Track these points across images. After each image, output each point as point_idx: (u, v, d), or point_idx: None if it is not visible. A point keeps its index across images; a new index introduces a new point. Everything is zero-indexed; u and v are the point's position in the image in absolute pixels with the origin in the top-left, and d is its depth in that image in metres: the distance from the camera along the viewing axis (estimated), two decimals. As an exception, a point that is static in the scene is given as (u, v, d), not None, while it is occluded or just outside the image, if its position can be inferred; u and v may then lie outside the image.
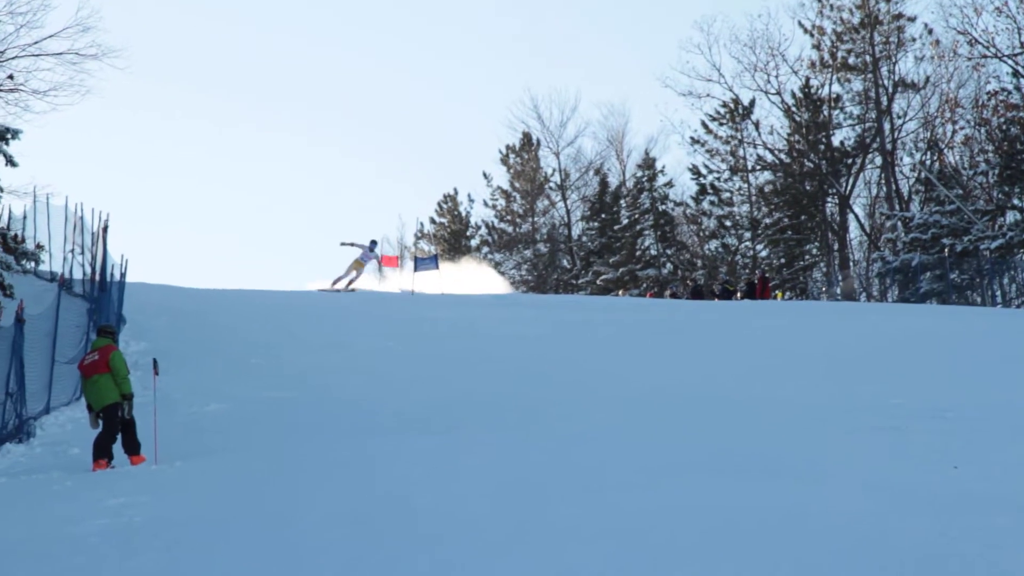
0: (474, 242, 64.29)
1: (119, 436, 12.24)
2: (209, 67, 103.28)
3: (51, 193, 28.21)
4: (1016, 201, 43.99)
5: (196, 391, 15.82)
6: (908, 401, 13.53)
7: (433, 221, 66.17)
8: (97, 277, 20.64)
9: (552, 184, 62.63)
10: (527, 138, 63.06)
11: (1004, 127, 45.29)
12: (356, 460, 10.85)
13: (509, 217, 63.40)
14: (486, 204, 64.37)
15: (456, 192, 66.18)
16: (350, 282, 31.42)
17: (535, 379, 16.92)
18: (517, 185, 63.20)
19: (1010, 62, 44.82)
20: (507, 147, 63.52)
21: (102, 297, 19.89)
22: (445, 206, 66.24)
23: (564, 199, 62.19)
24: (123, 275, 22.46)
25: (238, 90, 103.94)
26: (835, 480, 8.46)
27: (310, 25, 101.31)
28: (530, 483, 8.74)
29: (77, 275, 22.69)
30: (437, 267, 32.36)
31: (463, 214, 65.78)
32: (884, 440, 10.79)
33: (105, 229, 22.10)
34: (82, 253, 24.26)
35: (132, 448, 12.31)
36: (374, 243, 32.10)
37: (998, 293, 40.92)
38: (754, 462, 9.42)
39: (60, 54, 31.32)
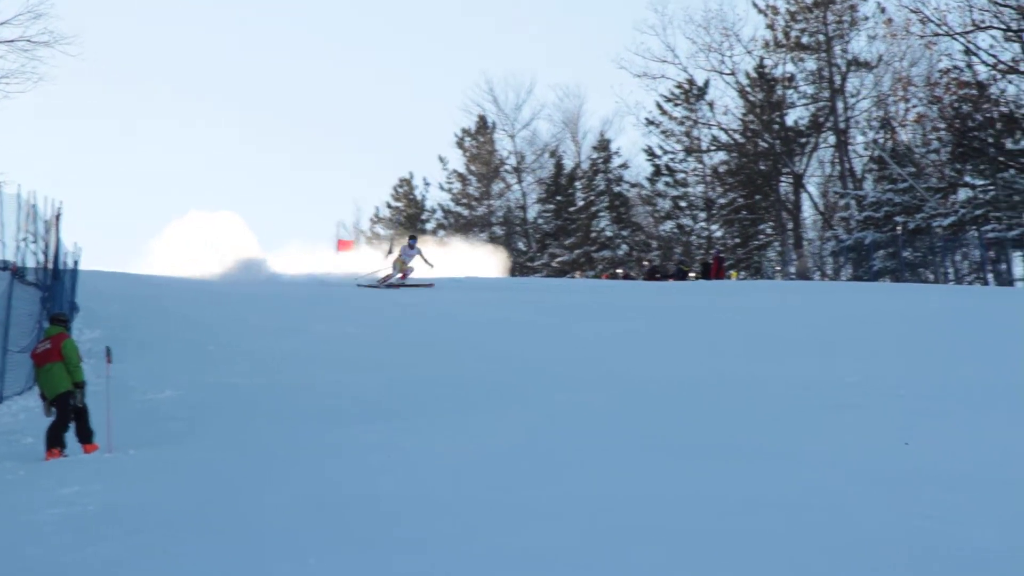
0: (430, 226, 64.05)
1: (72, 424, 12.15)
2: (162, 54, 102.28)
3: (3, 182, 27.93)
4: (968, 178, 44.30)
5: (150, 378, 15.68)
6: (864, 379, 13.59)
7: (389, 206, 65.90)
8: (50, 265, 20.42)
9: (507, 167, 62.51)
10: (483, 121, 62.81)
11: (956, 105, 45.53)
12: (316, 446, 10.80)
13: (465, 200, 63.17)
14: (442, 188, 64.11)
15: (412, 176, 65.89)
16: (387, 277, 30.60)
17: (497, 362, 16.89)
18: (473, 168, 62.98)
19: (962, 40, 45.03)
20: (463, 130, 63.30)
21: (55, 285, 19.67)
22: (401, 190, 65.93)
23: (520, 182, 62.07)
24: (76, 263, 22.23)
25: (192, 77, 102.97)
26: (794, 458, 8.50)
27: (262, 8, 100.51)
28: (493, 466, 8.73)
29: (30, 263, 22.45)
30: (393, 253, 32.10)
31: (419, 198, 65.53)
32: (841, 418, 10.84)
33: (58, 217, 21.86)
34: (35, 241, 23.98)
35: (85, 436, 12.20)
36: (413, 238, 31.49)
37: (950, 270, 41.23)
38: (714, 442, 9.45)
39: (11, 41, 31.04)
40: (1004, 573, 5.57)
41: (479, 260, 43.57)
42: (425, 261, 30.17)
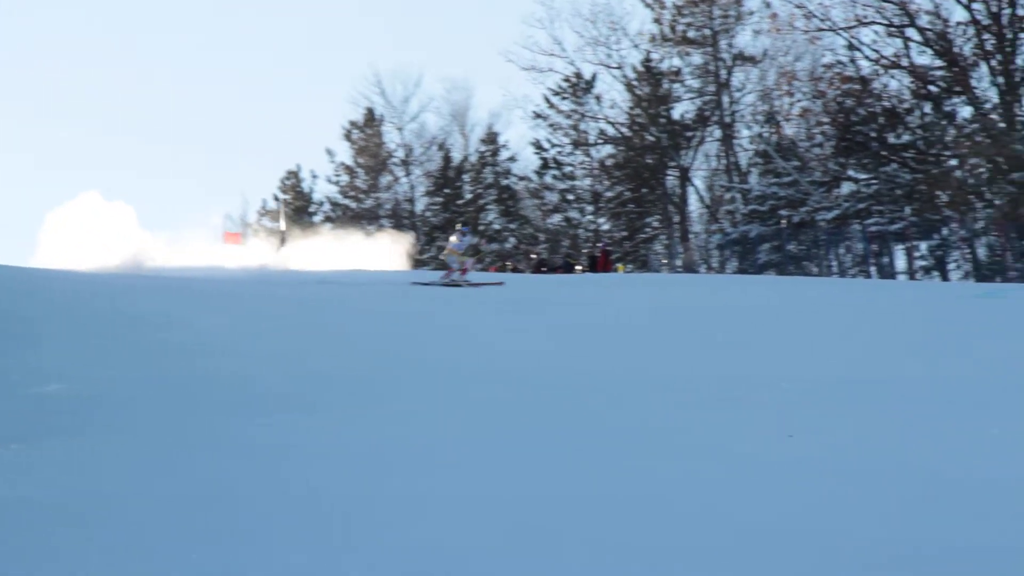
0: (317, 218, 63.53)
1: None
2: (37, 45, 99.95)
3: None
4: (851, 172, 44.86)
5: (33, 371, 14.99)
6: (747, 371, 13.41)
7: (276, 198, 65.26)
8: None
9: (395, 159, 62.17)
10: (370, 114, 62.39)
11: (840, 100, 46.08)
12: (205, 438, 10.29)
13: (353, 193, 62.73)
14: (329, 181, 63.60)
15: (299, 169, 65.25)
16: (448, 273, 28.69)
17: (379, 357, 16.45)
18: (360, 161, 62.55)
19: (845, 35, 45.58)
20: (351, 123, 62.81)
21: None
22: (288, 183, 65.32)
23: (408, 174, 61.77)
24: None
25: (77, 67, 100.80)
26: (675, 451, 8.22)
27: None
28: (370, 459, 8.35)
29: None
30: (281, 243, 31.47)
31: (306, 191, 64.96)
32: (724, 411, 10.61)
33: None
34: None
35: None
36: (465, 225, 29.91)
37: (834, 263, 41.70)
38: (595, 434, 9.14)
39: None
40: (872, 560, 5.34)
41: (378, 252, 43.23)
42: (476, 251, 28.51)
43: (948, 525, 6.01)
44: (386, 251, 45.80)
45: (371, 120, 62.38)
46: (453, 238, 28.07)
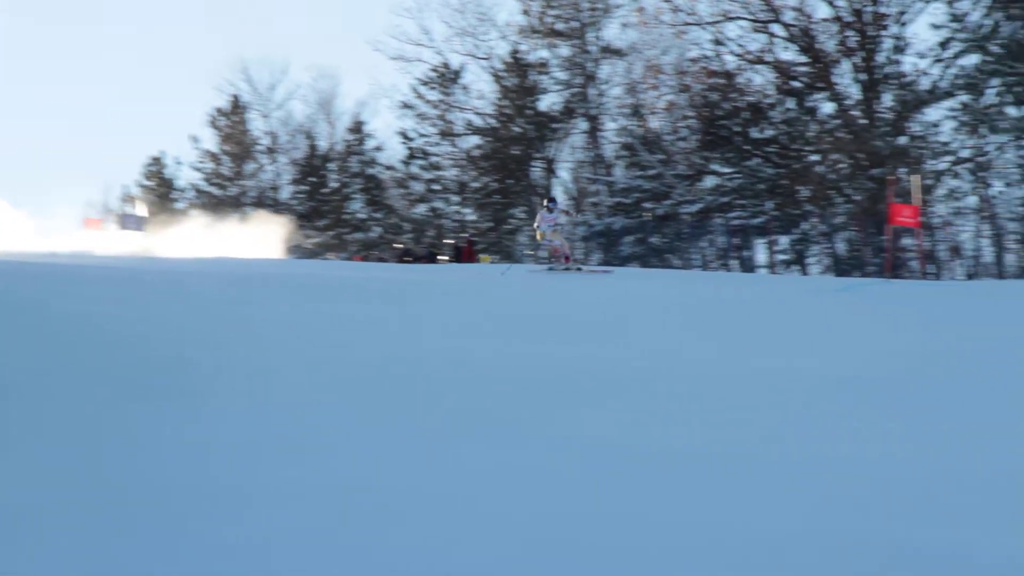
0: (180, 205, 62.59)
1: None
2: None
3: None
4: (715, 166, 45.15)
5: None
6: (601, 357, 13.12)
7: (140, 185, 64.13)
8: None
9: (261, 147, 61.46)
10: (236, 101, 61.73)
11: (704, 94, 46.33)
12: (58, 425, 9.63)
13: (217, 180, 61.92)
14: (194, 167, 62.70)
15: (163, 155, 64.15)
16: (553, 257, 26.82)
17: (243, 340, 15.80)
18: (226, 148, 61.79)
19: (711, 30, 45.84)
20: (216, 110, 62.09)
21: None
22: (152, 169, 64.24)
23: (273, 162, 61.11)
24: None
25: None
26: (525, 438, 7.84)
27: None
28: (231, 448, 7.82)
29: None
30: (142, 229, 30.60)
31: (170, 178, 64.01)
32: (578, 396, 10.26)
33: None
34: None
35: None
36: (552, 201, 27.26)
37: (697, 256, 41.91)
38: (446, 421, 8.71)
39: None
40: (710, 545, 5.00)
41: (253, 239, 42.56)
42: (568, 217, 26.37)
43: (779, 515, 5.73)
44: (261, 237, 45.10)
45: (237, 107, 61.76)
46: (543, 218, 26.43)
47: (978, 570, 4.70)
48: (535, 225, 26.44)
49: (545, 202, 26.95)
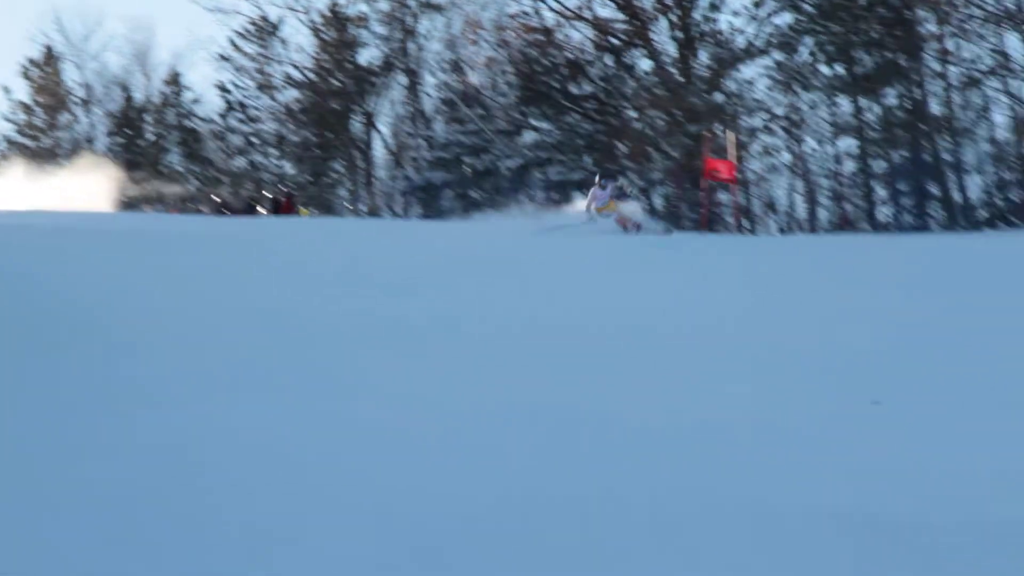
0: (-8, 157, 60.86)
1: None
2: None
3: None
4: (534, 122, 45.50)
5: None
6: (425, 314, 13.27)
7: (-51, 134, 62.04)
8: None
9: (75, 99, 59.94)
10: (49, 52, 60.01)
11: (524, 50, 46.59)
12: None
13: (31, 132, 60.25)
14: (6, 119, 60.91)
15: (-27, 107, 62.27)
16: (623, 224, 25.69)
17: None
18: (39, 100, 60.08)
19: (531, -16, 46.01)
20: (29, 60, 60.25)
21: None
22: (-39, 120, 62.31)
23: (88, 114, 59.72)
24: None
25: None
26: (362, 395, 7.95)
27: None
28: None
29: None
30: None
31: (-21, 129, 62.13)
32: (405, 355, 10.39)
33: None
34: None
35: None
36: (603, 178, 26.73)
37: (516, 211, 42.29)
38: (286, 378, 8.75)
39: None
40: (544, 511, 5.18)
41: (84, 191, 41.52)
42: (621, 192, 25.89)
43: (613, 470, 5.95)
44: (88, 189, 43.91)
45: (50, 58, 60.11)
46: (594, 195, 26.07)
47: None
48: (587, 204, 26.17)
49: (597, 179, 26.82)
